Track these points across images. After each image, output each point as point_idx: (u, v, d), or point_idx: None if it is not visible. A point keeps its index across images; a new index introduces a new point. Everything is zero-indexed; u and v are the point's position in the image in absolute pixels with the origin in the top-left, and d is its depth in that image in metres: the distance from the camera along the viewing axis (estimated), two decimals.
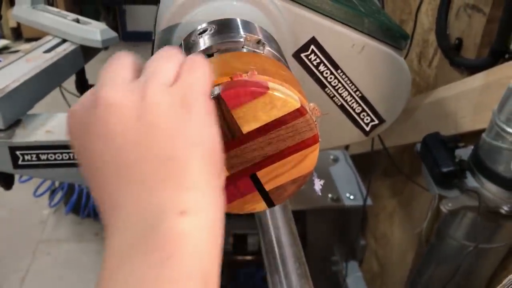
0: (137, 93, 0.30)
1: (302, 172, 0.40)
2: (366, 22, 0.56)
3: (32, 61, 0.89)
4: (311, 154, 0.39)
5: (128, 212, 0.28)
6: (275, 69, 0.39)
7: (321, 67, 0.58)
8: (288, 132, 0.38)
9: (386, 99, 0.61)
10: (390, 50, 0.58)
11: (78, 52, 0.98)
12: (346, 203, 1.03)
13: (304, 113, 0.37)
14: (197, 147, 0.30)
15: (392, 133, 1.18)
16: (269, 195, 0.41)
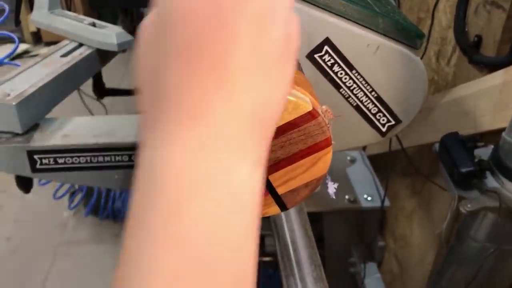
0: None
1: (315, 175, 0.40)
2: (380, 22, 0.55)
3: (49, 65, 0.90)
4: (324, 157, 0.39)
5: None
6: None
7: (336, 68, 0.58)
8: (300, 135, 0.37)
9: (402, 99, 0.60)
10: (405, 50, 0.57)
11: (94, 56, 0.99)
12: (363, 205, 1.01)
13: (316, 116, 0.37)
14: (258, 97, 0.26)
15: (410, 132, 1.17)
16: (282, 199, 0.40)
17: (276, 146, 0.37)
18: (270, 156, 0.38)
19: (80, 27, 1.00)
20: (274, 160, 0.38)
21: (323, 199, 0.97)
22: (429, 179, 1.07)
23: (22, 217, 1.95)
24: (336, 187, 0.47)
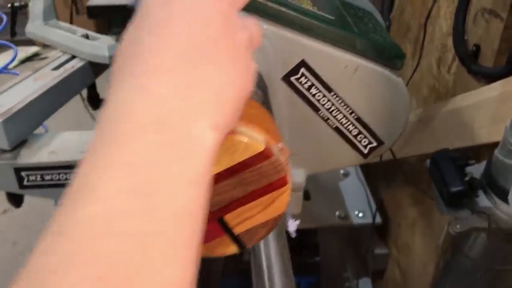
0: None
1: (272, 215, 0.38)
2: (358, 43, 0.54)
3: (39, 79, 0.90)
4: (281, 197, 0.37)
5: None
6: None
7: (313, 90, 0.56)
8: (254, 175, 0.36)
9: (384, 120, 0.59)
10: (385, 71, 0.56)
11: (87, 68, 0.98)
12: (354, 221, 1.00)
13: (269, 156, 0.35)
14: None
15: (409, 142, 1.14)
16: (239, 238, 0.39)
17: (229, 186, 0.36)
18: (224, 196, 0.37)
19: (73, 39, 0.99)
20: (228, 200, 0.37)
21: (314, 215, 0.95)
22: (425, 194, 1.05)
23: (29, 222, 1.97)
24: (298, 224, 0.46)
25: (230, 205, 0.37)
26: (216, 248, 0.39)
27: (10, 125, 0.78)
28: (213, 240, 0.39)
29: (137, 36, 0.28)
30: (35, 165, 0.78)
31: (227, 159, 0.35)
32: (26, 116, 0.82)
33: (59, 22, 1.08)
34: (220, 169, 0.35)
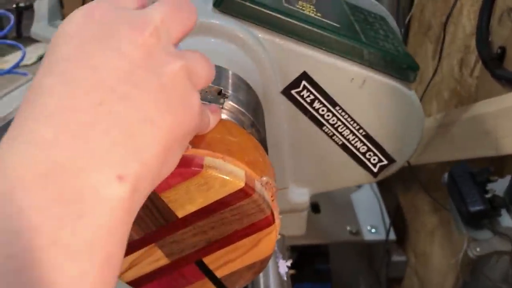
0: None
1: (258, 257, 0.34)
2: (366, 53, 0.49)
3: None
4: (267, 238, 0.33)
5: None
6: (221, 135, 0.33)
7: (316, 104, 0.51)
8: (234, 215, 0.31)
9: (395, 137, 0.53)
10: (396, 84, 0.50)
11: None
12: (366, 237, 0.94)
13: (250, 193, 0.30)
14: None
15: (427, 149, 1.08)
16: (222, 282, 0.35)
17: (206, 227, 0.32)
18: (201, 237, 0.32)
19: None
20: (206, 242, 0.32)
21: (324, 229, 0.90)
22: (443, 206, 0.99)
23: None
24: (289, 265, 0.41)
25: (209, 246, 0.33)
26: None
27: (4, 134, 0.75)
28: (193, 283, 0.34)
29: (39, 78, 0.24)
30: None
31: (202, 197, 0.30)
32: None
33: None
34: (194, 209, 0.31)
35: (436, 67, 1.03)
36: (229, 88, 0.40)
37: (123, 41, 0.24)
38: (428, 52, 1.29)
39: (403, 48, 0.52)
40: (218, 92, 0.38)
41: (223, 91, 0.38)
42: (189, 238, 0.32)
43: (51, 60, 0.24)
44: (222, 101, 0.37)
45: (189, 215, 0.31)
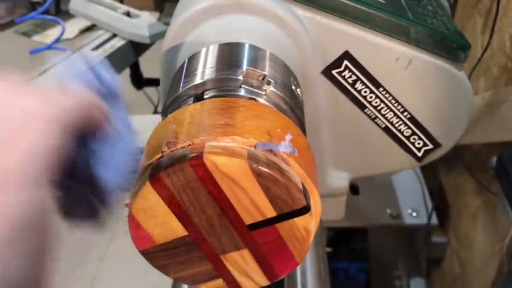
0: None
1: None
2: (413, 32, 0.45)
3: None
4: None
5: None
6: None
7: (358, 85, 0.49)
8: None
9: (441, 120, 0.50)
10: (444, 64, 0.47)
11: (127, 48, 0.94)
12: (406, 221, 0.91)
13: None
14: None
15: (473, 128, 1.03)
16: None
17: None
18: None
19: (114, 17, 0.95)
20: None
21: (363, 212, 0.88)
22: (486, 188, 0.94)
23: None
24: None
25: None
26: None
27: None
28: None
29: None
30: None
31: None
32: None
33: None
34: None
35: (487, 43, 0.97)
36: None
37: None
38: (476, 26, 1.23)
39: (453, 25, 0.49)
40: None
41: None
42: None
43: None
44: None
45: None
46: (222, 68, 0.38)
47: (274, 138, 0.30)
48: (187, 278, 0.34)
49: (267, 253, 0.32)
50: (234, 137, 0.29)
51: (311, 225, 0.31)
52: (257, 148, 0.29)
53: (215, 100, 0.33)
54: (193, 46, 0.44)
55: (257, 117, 0.32)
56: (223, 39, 0.42)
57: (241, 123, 0.31)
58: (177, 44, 0.45)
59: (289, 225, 0.31)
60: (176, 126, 0.31)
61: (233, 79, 0.36)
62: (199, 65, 0.39)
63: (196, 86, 0.37)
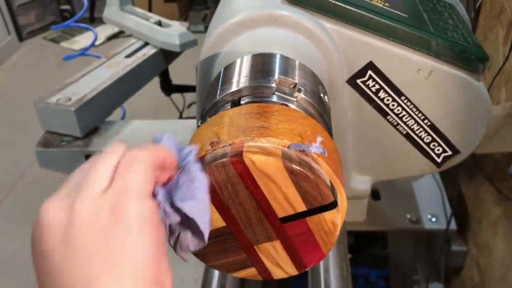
0: (66, 208, 0.28)
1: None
2: (434, 44, 0.48)
3: (112, 67, 0.92)
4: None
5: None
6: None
7: (381, 94, 0.52)
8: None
9: (460, 128, 0.53)
10: (463, 75, 0.50)
11: (158, 56, 0.99)
12: (426, 226, 0.93)
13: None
14: (116, 268, 0.27)
15: (494, 138, 1.05)
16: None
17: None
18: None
19: (145, 27, 1.00)
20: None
21: (383, 216, 0.90)
22: (507, 197, 0.96)
23: None
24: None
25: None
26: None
27: (82, 113, 0.80)
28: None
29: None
30: None
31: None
32: (98, 104, 0.84)
33: (135, 8, 1.09)
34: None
35: (508, 53, 0.99)
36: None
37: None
38: (499, 36, 1.24)
39: (472, 38, 0.52)
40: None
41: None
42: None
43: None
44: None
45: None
46: (256, 77, 0.41)
47: (306, 140, 0.34)
48: (222, 266, 0.38)
49: (297, 244, 0.36)
50: (270, 138, 0.33)
51: (338, 219, 0.34)
52: (290, 148, 0.33)
53: (252, 105, 0.37)
54: (228, 56, 0.47)
55: (290, 121, 0.35)
56: (257, 50, 0.45)
57: (275, 126, 0.34)
58: (213, 54, 0.49)
59: (318, 219, 0.34)
60: (217, 128, 0.35)
61: (267, 87, 0.39)
62: (235, 74, 0.43)
63: (233, 93, 0.40)
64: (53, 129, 0.83)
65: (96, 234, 0.27)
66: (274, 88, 0.39)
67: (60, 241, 0.28)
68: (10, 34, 2.99)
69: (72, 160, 0.81)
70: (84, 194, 0.29)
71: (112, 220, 0.28)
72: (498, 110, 1.05)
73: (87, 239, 0.27)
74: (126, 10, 1.07)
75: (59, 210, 0.28)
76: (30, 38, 3.15)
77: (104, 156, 0.31)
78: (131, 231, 0.28)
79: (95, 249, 0.27)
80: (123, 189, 0.29)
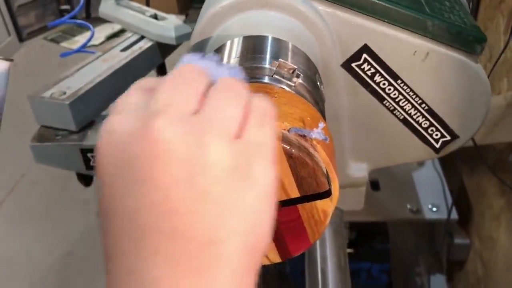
0: (196, 139, 0.24)
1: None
2: (429, 25, 0.47)
3: (107, 61, 0.91)
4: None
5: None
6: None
7: (377, 78, 0.51)
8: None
9: (459, 112, 0.52)
10: (461, 56, 0.49)
11: (154, 49, 0.98)
12: (426, 216, 0.92)
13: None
14: (244, 236, 0.24)
15: (496, 128, 1.04)
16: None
17: None
18: None
19: (141, 20, 0.99)
20: None
21: (383, 207, 0.89)
22: (510, 188, 0.95)
23: None
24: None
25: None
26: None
27: (77, 107, 0.79)
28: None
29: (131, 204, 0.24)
30: None
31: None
32: (93, 97, 0.83)
33: (130, 2, 1.08)
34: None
35: (506, 42, 0.98)
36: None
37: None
38: (499, 26, 1.23)
39: (470, 19, 0.50)
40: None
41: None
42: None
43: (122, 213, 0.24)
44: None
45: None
46: (255, 58, 0.40)
47: (306, 125, 0.33)
48: None
49: (284, 231, 0.35)
50: None
51: (329, 209, 0.33)
52: (290, 132, 0.32)
53: (252, 84, 0.36)
54: (220, 39, 0.46)
55: (289, 104, 0.34)
56: (248, 33, 0.44)
57: (276, 107, 0.33)
58: (204, 38, 0.48)
59: (310, 206, 0.33)
60: None
61: (266, 69, 0.38)
62: (232, 53, 0.42)
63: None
64: (48, 123, 0.82)
65: (227, 188, 0.24)
66: (273, 70, 0.38)
67: (185, 179, 0.23)
68: (10, 35, 2.99)
69: (67, 154, 0.80)
70: (216, 131, 0.24)
71: (244, 178, 0.24)
72: (499, 100, 1.04)
73: (219, 190, 0.24)
74: (121, 4, 1.07)
75: (189, 137, 0.24)
76: (30, 38, 3.15)
77: (233, 90, 0.27)
78: (263, 200, 0.25)
79: (224, 206, 0.24)
80: (259, 145, 0.25)
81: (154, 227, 0.23)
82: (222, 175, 0.24)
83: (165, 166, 0.23)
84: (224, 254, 0.24)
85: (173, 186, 0.23)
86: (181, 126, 0.23)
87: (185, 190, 0.23)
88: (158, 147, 0.23)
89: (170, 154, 0.23)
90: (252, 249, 0.25)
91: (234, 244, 0.24)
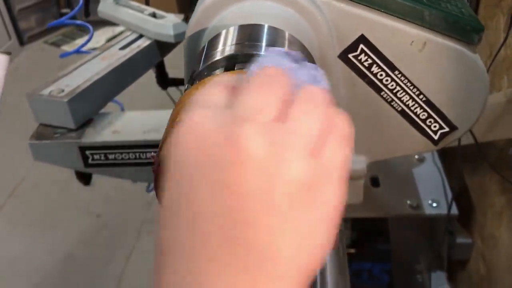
0: (279, 152, 0.24)
1: None
2: (427, 15, 0.47)
3: (106, 59, 0.91)
4: None
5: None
6: None
7: (374, 69, 0.50)
8: None
9: (457, 102, 0.52)
10: (458, 46, 0.48)
11: (153, 47, 0.98)
12: (426, 211, 0.91)
13: None
14: (300, 256, 0.24)
15: (496, 125, 1.03)
16: None
17: None
18: None
19: (140, 18, 0.99)
20: None
21: (383, 203, 0.89)
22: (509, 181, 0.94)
23: (112, 195, 2.06)
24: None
25: None
26: None
27: (75, 104, 0.79)
28: None
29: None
30: (99, 144, 0.79)
31: None
32: (91, 95, 0.83)
33: (129, 1, 1.08)
34: None
35: (505, 38, 0.98)
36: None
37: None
38: (499, 24, 1.23)
39: (467, 9, 0.50)
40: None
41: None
42: None
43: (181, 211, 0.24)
44: None
45: None
46: (251, 45, 0.40)
47: None
48: None
49: None
50: None
51: None
52: None
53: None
54: (216, 30, 0.46)
55: None
56: (245, 22, 0.44)
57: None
58: (200, 29, 0.48)
59: None
60: None
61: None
62: (227, 41, 0.42)
63: (229, 58, 0.39)
64: (46, 121, 0.82)
65: (295, 204, 0.24)
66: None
67: (263, 189, 0.23)
68: (11, 39, 3.00)
69: (66, 152, 0.80)
70: (298, 147, 0.24)
71: (310, 195, 0.24)
72: (500, 97, 1.03)
73: (289, 205, 0.24)
74: (120, 4, 1.07)
75: (271, 147, 0.24)
76: (31, 42, 3.16)
77: (315, 101, 0.27)
78: (325, 222, 0.25)
79: (288, 221, 0.24)
80: (333, 166, 0.26)
81: (217, 233, 0.23)
82: (295, 193, 0.24)
83: (247, 175, 0.23)
84: (277, 271, 0.24)
85: (249, 196, 0.23)
86: (267, 136, 0.24)
87: (259, 203, 0.23)
88: (243, 155, 0.23)
89: (253, 165, 0.23)
90: (305, 269, 0.25)
91: (289, 262, 0.24)
